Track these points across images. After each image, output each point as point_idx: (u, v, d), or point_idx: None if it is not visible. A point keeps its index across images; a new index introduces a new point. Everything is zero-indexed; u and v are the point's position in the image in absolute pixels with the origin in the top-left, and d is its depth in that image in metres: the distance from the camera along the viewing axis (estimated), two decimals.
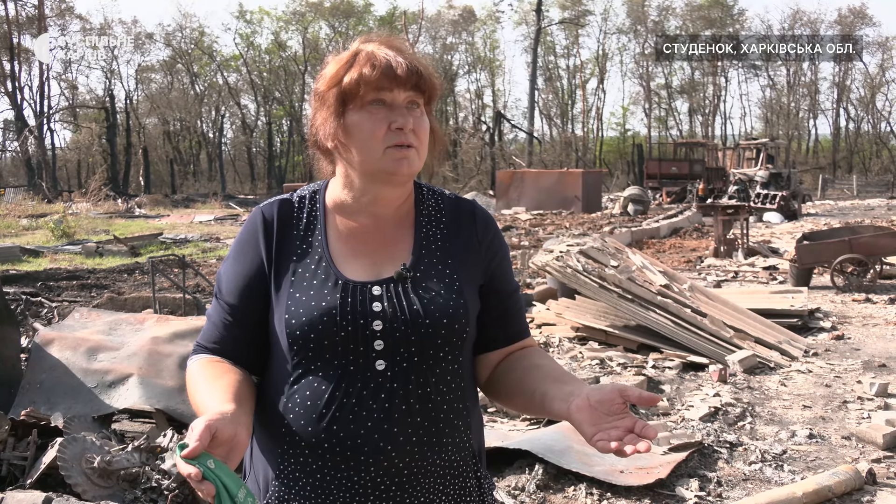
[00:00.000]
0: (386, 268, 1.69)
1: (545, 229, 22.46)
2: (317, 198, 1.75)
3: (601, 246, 9.55)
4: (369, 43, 1.68)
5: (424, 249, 1.72)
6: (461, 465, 1.71)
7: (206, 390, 1.60)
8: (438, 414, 1.65)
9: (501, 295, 1.78)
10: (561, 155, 58.09)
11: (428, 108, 1.70)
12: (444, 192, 1.83)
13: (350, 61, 1.64)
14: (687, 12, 65.19)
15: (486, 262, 1.77)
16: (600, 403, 1.51)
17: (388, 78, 1.61)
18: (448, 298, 1.66)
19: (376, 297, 1.64)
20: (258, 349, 1.71)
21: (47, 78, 56.16)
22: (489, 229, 1.80)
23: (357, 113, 1.63)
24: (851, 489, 4.70)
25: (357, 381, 1.61)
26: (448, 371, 1.68)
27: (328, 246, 1.70)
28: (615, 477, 4.71)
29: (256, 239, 1.70)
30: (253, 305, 1.68)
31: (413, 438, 1.62)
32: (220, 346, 1.70)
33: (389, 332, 1.62)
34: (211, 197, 42.65)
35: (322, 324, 1.60)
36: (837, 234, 13.06)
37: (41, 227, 22.79)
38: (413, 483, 1.65)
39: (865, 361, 7.84)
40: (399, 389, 1.62)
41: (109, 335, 5.31)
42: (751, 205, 21.22)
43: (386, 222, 1.73)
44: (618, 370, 7.17)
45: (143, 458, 4.15)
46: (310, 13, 64.81)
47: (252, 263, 1.69)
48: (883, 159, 60.66)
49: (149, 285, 10.46)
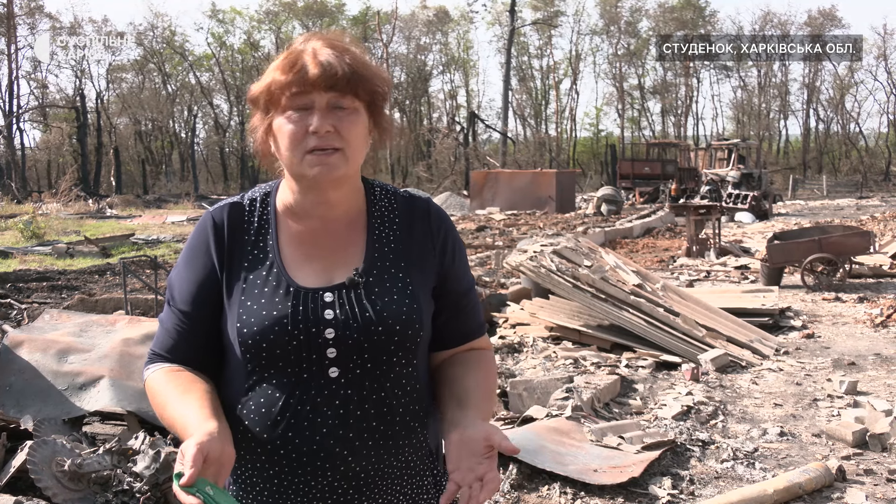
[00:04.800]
0: (338, 272, 1.66)
1: (519, 229, 22.51)
2: (268, 200, 1.72)
3: (575, 246, 9.59)
4: (308, 42, 1.63)
5: (377, 253, 1.69)
6: (418, 465, 1.72)
7: (178, 405, 1.58)
8: (394, 417, 1.65)
9: (455, 294, 1.77)
10: (535, 155, 58.26)
11: (370, 105, 1.64)
12: (398, 190, 1.80)
13: (281, 65, 1.61)
14: (659, 14, 65.61)
15: (440, 262, 1.75)
16: (466, 444, 1.56)
17: (300, 82, 1.57)
18: (401, 303, 1.64)
19: (328, 305, 1.62)
20: (213, 354, 1.69)
21: (16, 77, 55.46)
22: (443, 228, 1.77)
23: (279, 118, 1.61)
24: (822, 486, 4.74)
25: (311, 388, 1.60)
26: (402, 375, 1.67)
27: (279, 251, 1.67)
28: (589, 476, 4.72)
29: (207, 245, 1.67)
30: (206, 312, 1.66)
31: (369, 443, 1.62)
32: (176, 354, 1.68)
33: (342, 340, 1.60)
34: (183, 197, 42.36)
35: (274, 333, 1.58)
36: (807, 233, 13.20)
37: (10, 227, 22.50)
38: (370, 485, 1.65)
39: (835, 360, 7.93)
40: (353, 396, 1.61)
41: (80, 337, 5.26)
42: (722, 205, 21.39)
43: (336, 224, 1.70)
44: (591, 369, 7.20)
45: (114, 460, 4.11)
46: (283, 13, 64.54)
47: (203, 270, 1.66)
48: (852, 160, 61.29)
49: (120, 286, 10.36)
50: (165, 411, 1.61)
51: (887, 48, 62.14)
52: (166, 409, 1.61)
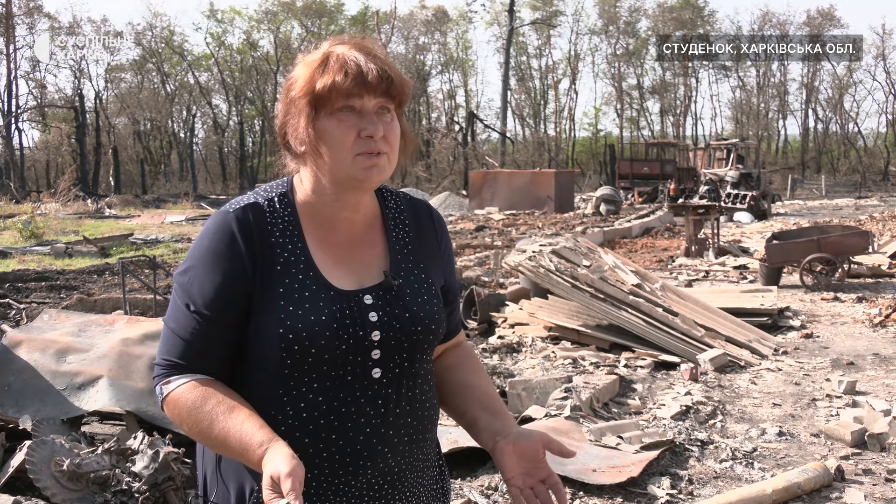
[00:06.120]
0: (366, 275, 1.68)
1: (518, 229, 22.51)
2: (287, 201, 1.69)
3: (573, 246, 9.59)
4: (340, 45, 1.64)
5: (399, 255, 1.73)
6: (432, 457, 1.80)
7: (230, 422, 1.54)
8: (424, 412, 1.72)
9: (452, 293, 1.85)
10: (533, 155, 58.26)
11: (399, 111, 1.68)
12: (400, 192, 1.84)
13: (322, 65, 1.60)
14: (658, 13, 65.64)
15: (444, 262, 1.82)
16: (523, 452, 1.66)
17: (358, 85, 1.58)
18: (431, 303, 1.71)
19: (370, 307, 1.64)
20: (229, 362, 1.66)
21: (15, 77, 55.47)
22: (444, 231, 1.86)
23: (327, 119, 1.60)
24: (820, 486, 4.74)
25: (355, 390, 1.62)
26: (427, 371, 1.74)
27: (311, 254, 1.66)
28: (588, 475, 4.72)
29: (235, 245, 1.61)
30: (232, 317, 1.61)
31: (405, 439, 1.68)
32: (196, 363, 1.62)
33: (386, 342, 1.64)
34: (182, 197, 42.33)
35: (325, 338, 1.58)
36: (806, 233, 13.20)
37: (9, 227, 22.49)
38: (402, 479, 1.70)
39: (834, 359, 7.93)
40: (393, 395, 1.66)
41: (79, 337, 5.25)
42: (721, 205, 21.37)
43: (357, 227, 1.72)
44: (590, 369, 7.20)
45: (113, 460, 4.11)
46: (282, 13, 64.52)
47: (232, 272, 1.60)
48: (851, 160, 61.35)
49: (119, 286, 10.35)
50: (213, 430, 1.55)
51: (886, 48, 62.36)
52: (213, 428, 1.55)
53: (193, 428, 1.59)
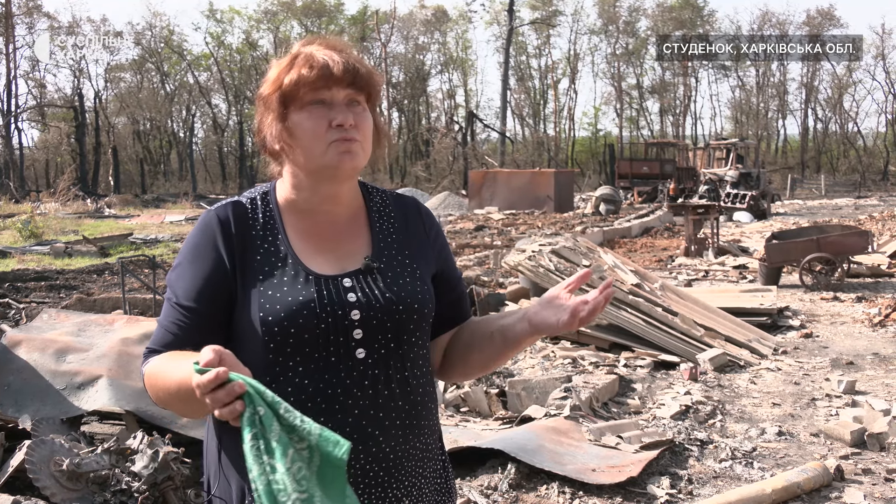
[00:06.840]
0: (348, 262, 1.73)
1: (517, 229, 22.51)
2: (268, 199, 1.77)
3: (573, 245, 9.60)
4: (309, 45, 1.72)
5: (382, 243, 1.78)
6: (433, 449, 1.80)
7: (176, 368, 1.53)
8: (416, 397, 1.73)
9: (453, 281, 1.90)
10: (533, 155, 58.26)
11: (371, 104, 1.74)
12: (385, 189, 1.90)
13: (290, 64, 1.69)
14: (658, 13, 65.62)
15: (436, 252, 1.87)
16: (550, 301, 1.73)
17: (324, 77, 1.65)
18: (414, 284, 1.74)
19: (349, 289, 1.68)
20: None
21: (14, 76, 55.45)
22: (434, 223, 1.91)
23: (297, 114, 1.67)
24: (820, 485, 4.75)
25: (340, 371, 1.65)
26: (420, 356, 1.76)
27: (290, 244, 1.72)
28: (587, 475, 4.72)
29: (214, 240, 1.69)
30: (212, 309, 1.66)
31: (397, 422, 1.69)
32: (173, 349, 1.65)
33: (367, 321, 1.66)
34: (182, 197, 42.35)
35: (302, 317, 1.62)
36: (806, 233, 13.21)
37: (9, 227, 22.48)
38: (398, 466, 1.70)
39: (833, 359, 7.93)
40: (381, 376, 1.68)
41: (78, 336, 5.25)
42: (721, 204, 21.40)
43: (340, 219, 1.77)
44: (590, 369, 7.20)
45: (112, 460, 4.11)
46: (281, 12, 64.49)
47: (211, 265, 1.67)
48: (850, 159, 61.36)
49: (118, 286, 10.36)
50: (166, 383, 1.57)
51: (885, 48, 62.35)
52: (166, 380, 1.57)
53: (159, 393, 1.63)
